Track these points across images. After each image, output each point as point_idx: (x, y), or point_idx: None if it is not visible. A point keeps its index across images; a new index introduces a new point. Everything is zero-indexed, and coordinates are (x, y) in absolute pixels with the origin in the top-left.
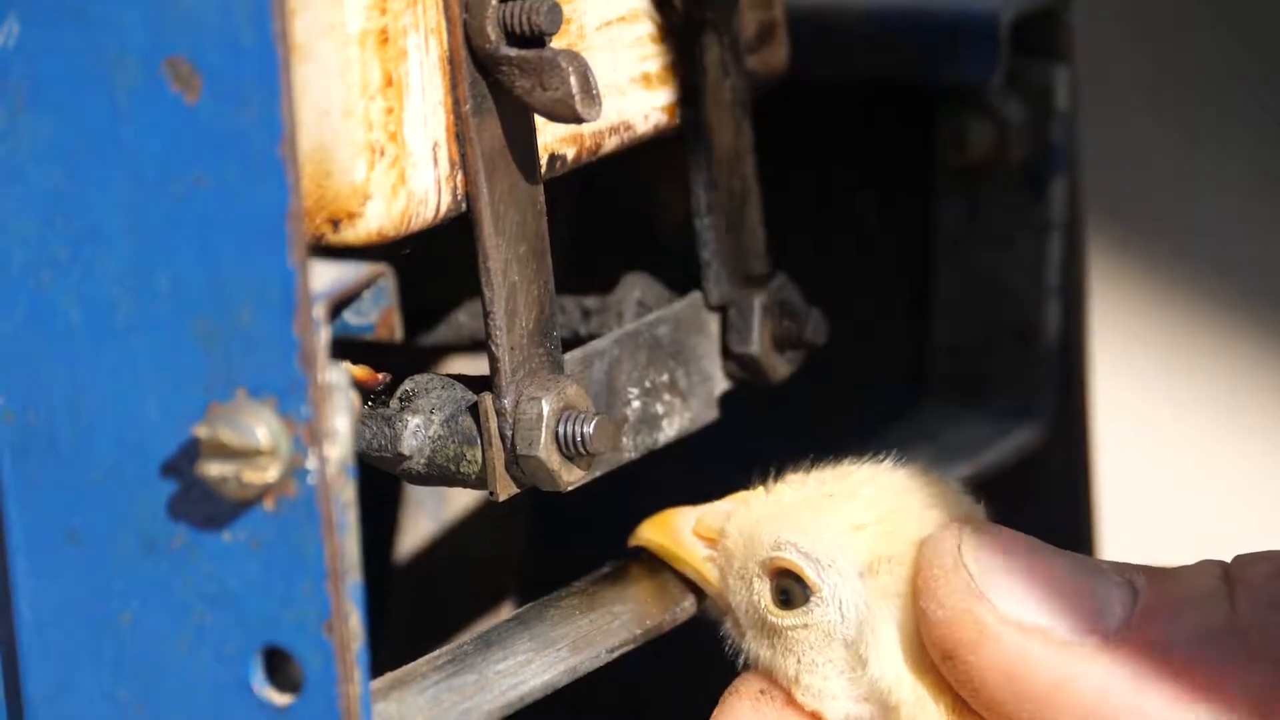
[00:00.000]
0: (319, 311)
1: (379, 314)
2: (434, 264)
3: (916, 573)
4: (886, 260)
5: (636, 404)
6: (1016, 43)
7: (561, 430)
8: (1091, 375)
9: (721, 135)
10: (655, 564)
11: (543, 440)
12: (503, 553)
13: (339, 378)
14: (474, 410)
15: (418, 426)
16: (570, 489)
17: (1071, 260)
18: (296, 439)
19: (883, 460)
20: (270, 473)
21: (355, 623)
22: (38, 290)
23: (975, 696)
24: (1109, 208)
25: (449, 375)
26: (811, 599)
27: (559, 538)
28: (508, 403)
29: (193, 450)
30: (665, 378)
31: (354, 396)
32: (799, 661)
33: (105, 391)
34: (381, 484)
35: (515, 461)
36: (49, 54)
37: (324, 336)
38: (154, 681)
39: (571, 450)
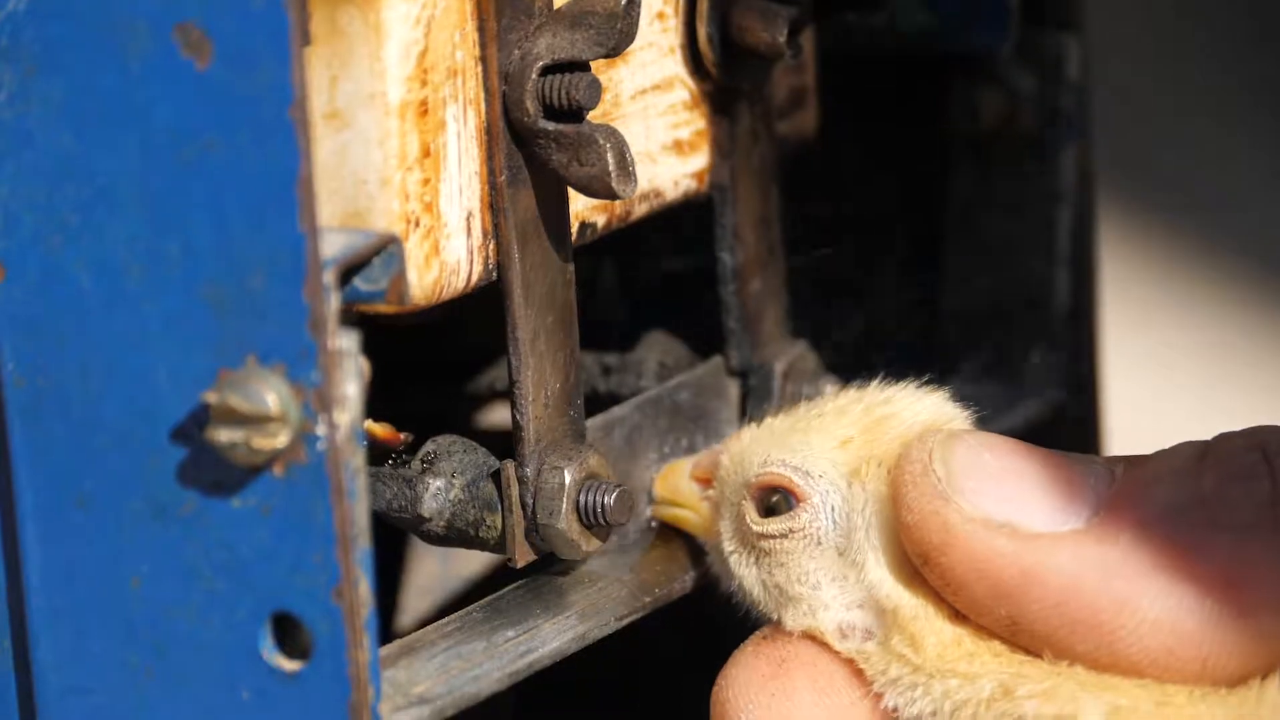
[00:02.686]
0: (329, 278)
1: (389, 280)
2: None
3: (892, 481)
4: (897, 229)
5: (654, 469)
6: (1027, 12)
7: (582, 500)
8: (1101, 344)
9: (749, 201)
10: (664, 532)
11: (564, 510)
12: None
13: (349, 343)
14: (496, 476)
15: (439, 489)
16: (589, 557)
17: (1082, 229)
18: (306, 405)
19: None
20: (280, 439)
21: (364, 589)
22: (48, 255)
23: (956, 598)
24: (1119, 177)
25: (471, 439)
26: (797, 506)
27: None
28: (530, 471)
29: (202, 416)
30: (684, 443)
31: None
32: (788, 575)
33: (115, 357)
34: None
35: (535, 529)
36: (60, 18)
37: (334, 303)
38: (163, 647)
39: (591, 520)
